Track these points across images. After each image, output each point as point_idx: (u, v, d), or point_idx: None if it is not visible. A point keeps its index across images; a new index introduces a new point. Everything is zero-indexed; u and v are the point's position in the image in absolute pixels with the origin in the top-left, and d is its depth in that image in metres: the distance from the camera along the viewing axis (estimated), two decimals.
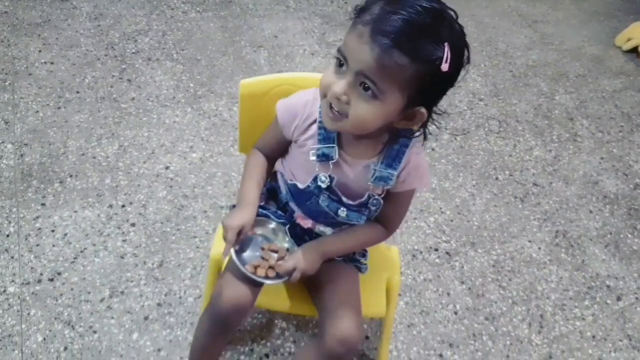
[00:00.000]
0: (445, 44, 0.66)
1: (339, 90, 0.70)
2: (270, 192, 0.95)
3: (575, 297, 1.39)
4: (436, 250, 1.45)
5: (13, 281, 1.24)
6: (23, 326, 1.17)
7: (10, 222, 1.36)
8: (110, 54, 1.91)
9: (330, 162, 0.82)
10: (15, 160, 1.51)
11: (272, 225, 0.90)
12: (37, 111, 1.66)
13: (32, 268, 1.27)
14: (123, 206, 1.44)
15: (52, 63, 1.84)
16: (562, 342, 1.29)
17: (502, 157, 1.75)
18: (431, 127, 0.80)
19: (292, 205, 0.91)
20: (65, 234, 1.36)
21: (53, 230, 1.36)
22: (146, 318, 1.21)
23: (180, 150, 1.61)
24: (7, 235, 1.33)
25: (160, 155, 1.59)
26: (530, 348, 1.27)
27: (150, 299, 1.25)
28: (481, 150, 1.76)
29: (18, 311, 1.19)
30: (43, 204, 1.41)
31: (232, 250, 0.82)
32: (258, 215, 0.88)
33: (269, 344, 1.20)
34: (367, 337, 1.24)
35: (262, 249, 0.87)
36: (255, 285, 0.86)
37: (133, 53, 1.93)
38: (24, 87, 1.74)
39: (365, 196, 0.85)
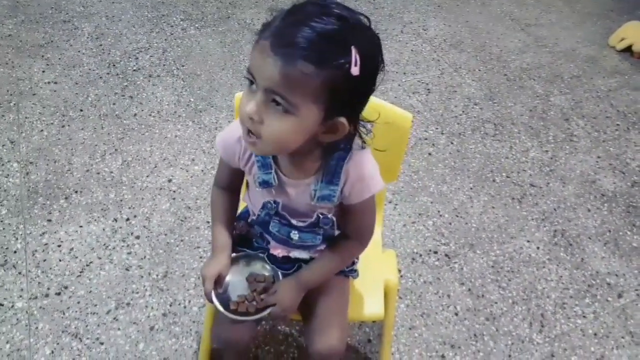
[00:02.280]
0: (352, 47, 0.63)
1: (250, 110, 0.67)
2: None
3: (575, 296, 1.40)
4: (435, 252, 1.47)
5: (21, 296, 1.27)
6: (31, 340, 1.20)
7: (17, 239, 1.40)
8: (112, 72, 1.95)
9: (272, 187, 0.81)
10: (21, 179, 1.55)
11: (247, 258, 0.91)
12: (41, 130, 1.71)
13: (39, 283, 1.30)
14: (127, 219, 1.47)
15: (55, 83, 1.89)
16: (564, 341, 1.30)
17: (498, 159, 1.77)
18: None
19: (266, 235, 0.91)
20: (72, 249, 1.39)
21: (59, 245, 1.39)
22: (152, 328, 1.24)
23: (182, 163, 1.65)
24: (15, 252, 1.37)
25: (163, 169, 1.62)
26: (532, 347, 1.28)
27: (155, 309, 1.27)
28: (477, 153, 1.78)
29: (26, 325, 1.22)
30: (49, 220, 1.45)
31: (213, 296, 0.84)
32: (234, 250, 0.89)
33: (272, 350, 1.22)
34: (369, 341, 1.26)
35: (248, 280, 0.88)
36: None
37: (134, 70, 1.98)
38: (29, 107, 1.78)
39: (315, 216, 0.83)
